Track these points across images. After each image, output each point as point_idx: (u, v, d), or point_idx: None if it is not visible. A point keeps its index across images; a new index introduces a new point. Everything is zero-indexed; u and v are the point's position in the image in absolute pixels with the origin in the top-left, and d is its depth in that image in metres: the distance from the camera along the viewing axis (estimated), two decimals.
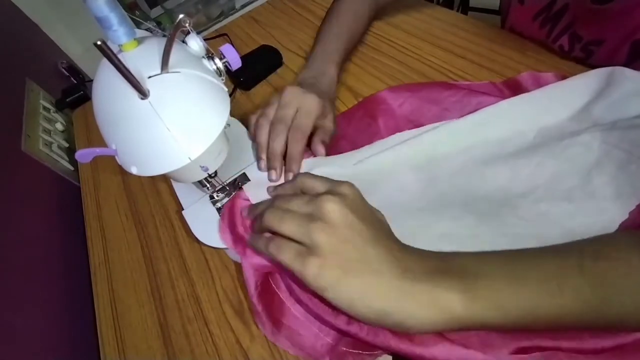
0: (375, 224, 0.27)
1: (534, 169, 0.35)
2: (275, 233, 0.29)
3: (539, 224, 0.31)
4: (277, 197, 0.33)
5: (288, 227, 0.27)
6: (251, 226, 0.35)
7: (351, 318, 0.27)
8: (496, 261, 0.24)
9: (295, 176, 0.34)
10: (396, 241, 0.27)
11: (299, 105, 0.39)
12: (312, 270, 0.24)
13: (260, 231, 0.31)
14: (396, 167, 0.39)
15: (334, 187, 0.28)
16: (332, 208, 0.25)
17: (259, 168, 0.40)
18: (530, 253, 0.25)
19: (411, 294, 0.23)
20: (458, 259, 0.25)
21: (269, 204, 0.32)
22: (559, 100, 0.38)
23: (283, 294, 0.33)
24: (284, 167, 0.39)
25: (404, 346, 0.25)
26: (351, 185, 0.28)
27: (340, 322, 0.29)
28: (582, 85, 0.38)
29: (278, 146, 0.38)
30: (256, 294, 0.33)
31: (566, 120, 0.37)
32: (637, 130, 0.33)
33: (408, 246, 0.27)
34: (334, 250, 0.24)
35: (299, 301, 0.32)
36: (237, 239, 0.35)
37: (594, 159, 0.33)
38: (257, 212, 0.34)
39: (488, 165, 0.37)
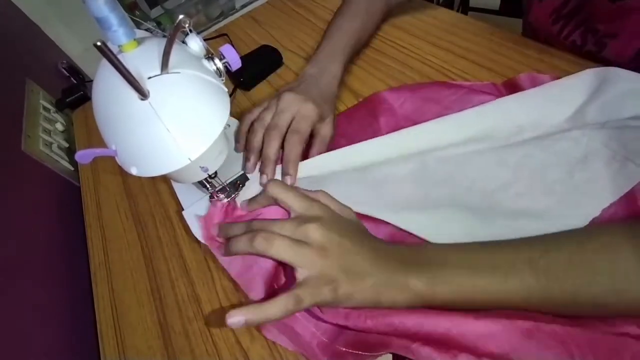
0: (352, 232, 0.31)
1: (521, 159, 0.35)
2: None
3: (517, 220, 0.32)
4: (254, 223, 0.33)
5: (283, 253, 0.29)
6: (223, 245, 0.35)
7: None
8: (459, 252, 0.30)
9: (266, 185, 0.35)
10: (372, 240, 0.32)
11: (296, 112, 0.39)
12: (330, 295, 0.28)
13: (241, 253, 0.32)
14: (388, 157, 0.40)
15: (308, 210, 0.32)
16: (317, 235, 0.29)
17: (246, 170, 0.41)
18: (490, 246, 0.30)
19: (391, 284, 0.28)
20: (428, 252, 0.31)
21: (245, 228, 0.33)
22: (555, 101, 0.38)
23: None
24: (276, 171, 0.39)
25: (410, 323, 0.27)
26: (321, 205, 0.32)
27: (339, 318, 0.29)
28: (578, 84, 0.38)
29: (272, 151, 0.38)
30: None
31: (560, 122, 0.37)
32: (625, 131, 0.33)
33: (382, 242, 0.32)
34: (335, 270, 0.28)
35: None
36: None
37: (580, 154, 0.34)
38: (231, 233, 0.34)
39: (478, 155, 0.37)
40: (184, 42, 0.31)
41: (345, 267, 0.28)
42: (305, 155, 0.40)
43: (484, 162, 0.37)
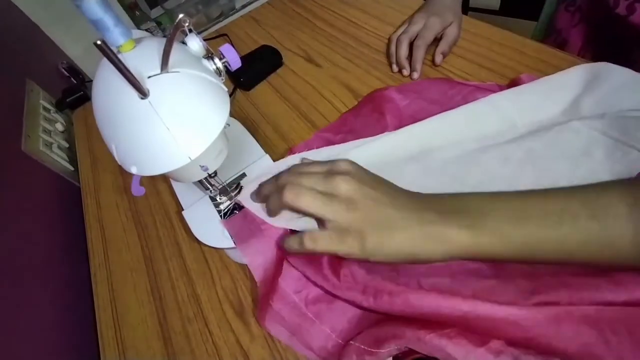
0: (383, 185, 0.31)
1: (524, 154, 0.35)
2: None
3: None
4: (281, 177, 0.33)
5: (311, 205, 0.29)
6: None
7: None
8: (504, 200, 0.28)
9: (290, 169, 0.36)
10: (406, 194, 0.31)
11: (423, 25, 0.50)
12: (357, 247, 0.28)
13: (275, 211, 0.33)
14: (390, 157, 0.39)
15: (334, 167, 0.32)
16: (346, 188, 0.29)
17: (392, 70, 0.51)
18: (538, 192, 0.27)
19: (430, 236, 0.27)
20: (468, 200, 0.29)
21: (274, 183, 0.34)
22: (547, 95, 0.39)
23: (297, 296, 0.33)
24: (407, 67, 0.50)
25: (430, 302, 0.26)
26: (347, 160, 0.32)
27: (356, 292, 0.29)
28: (570, 79, 0.39)
29: (402, 52, 0.50)
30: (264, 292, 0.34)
31: (556, 114, 0.38)
32: (625, 119, 0.34)
33: (417, 194, 0.31)
34: (365, 223, 0.28)
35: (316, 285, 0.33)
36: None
37: (583, 145, 0.34)
38: (265, 192, 0.35)
39: (481, 153, 0.37)
40: (183, 42, 0.31)
41: (374, 220, 0.28)
42: (432, 54, 0.50)
43: (488, 161, 0.36)
